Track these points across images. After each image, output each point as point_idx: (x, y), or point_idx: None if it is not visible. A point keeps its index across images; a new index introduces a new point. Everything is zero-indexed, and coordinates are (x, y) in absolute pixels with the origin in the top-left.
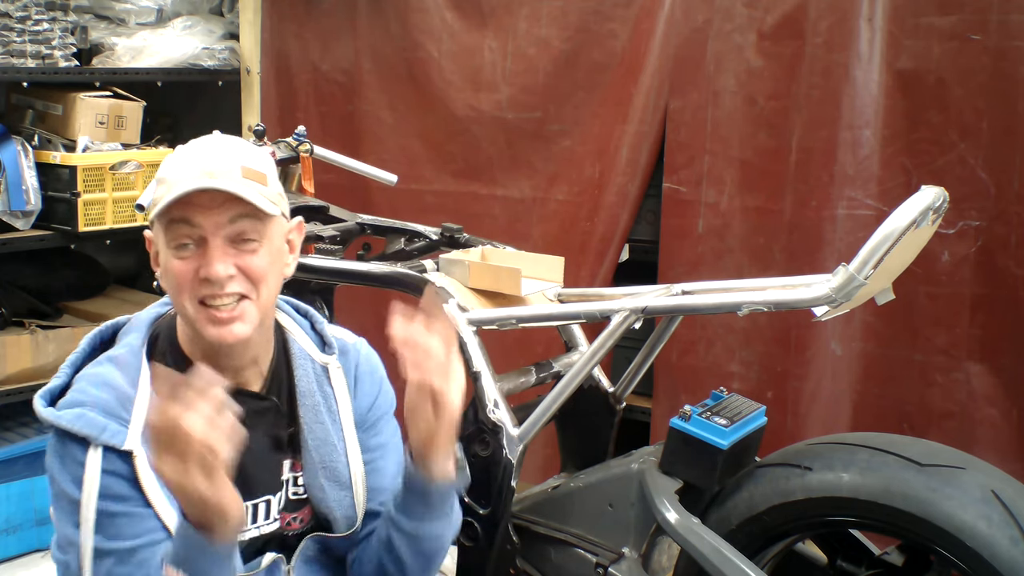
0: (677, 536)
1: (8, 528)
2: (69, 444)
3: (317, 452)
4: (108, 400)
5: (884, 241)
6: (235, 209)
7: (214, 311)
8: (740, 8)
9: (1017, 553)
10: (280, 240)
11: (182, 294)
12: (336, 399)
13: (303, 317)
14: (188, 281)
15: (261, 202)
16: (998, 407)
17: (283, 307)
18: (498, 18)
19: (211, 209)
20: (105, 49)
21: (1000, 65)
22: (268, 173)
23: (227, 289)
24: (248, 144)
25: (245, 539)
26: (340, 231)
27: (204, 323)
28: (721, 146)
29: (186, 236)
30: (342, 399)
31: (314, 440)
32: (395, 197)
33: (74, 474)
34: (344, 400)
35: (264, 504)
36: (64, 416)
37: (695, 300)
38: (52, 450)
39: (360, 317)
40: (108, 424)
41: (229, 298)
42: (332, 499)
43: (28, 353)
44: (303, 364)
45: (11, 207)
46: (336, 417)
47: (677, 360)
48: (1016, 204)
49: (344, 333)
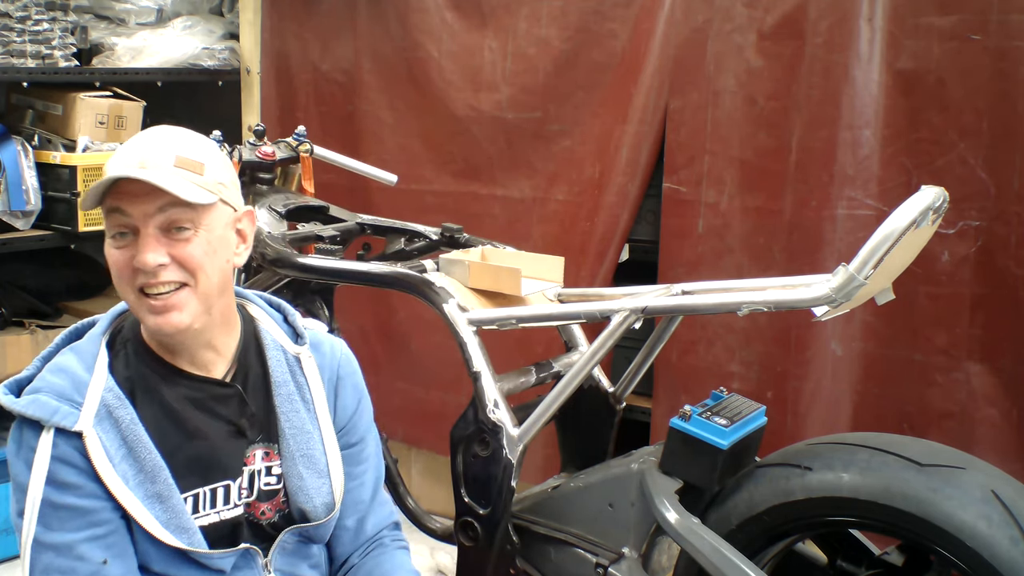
0: (677, 536)
1: (8, 528)
2: (25, 429)
3: (294, 440)
4: (63, 385)
5: (884, 241)
6: (164, 199)
7: (151, 300)
8: (740, 8)
9: (1017, 553)
10: (223, 228)
11: (122, 283)
12: (310, 388)
13: (275, 310)
14: (126, 270)
15: (188, 191)
16: (998, 407)
17: (254, 299)
18: (498, 18)
19: (140, 198)
20: (105, 49)
21: (1000, 65)
22: (206, 162)
23: (161, 278)
24: (192, 134)
25: (206, 523)
26: (340, 231)
27: (144, 312)
28: (721, 146)
29: (122, 225)
30: (316, 388)
31: (291, 429)
32: (395, 197)
33: (26, 458)
34: (318, 389)
35: (223, 489)
36: (20, 402)
37: (695, 300)
38: (11, 437)
39: (360, 317)
40: (60, 407)
41: (165, 286)
42: (311, 487)
43: (28, 353)
44: (275, 354)
45: (11, 207)
46: (311, 406)
47: (677, 360)
48: (1016, 204)
49: (317, 326)
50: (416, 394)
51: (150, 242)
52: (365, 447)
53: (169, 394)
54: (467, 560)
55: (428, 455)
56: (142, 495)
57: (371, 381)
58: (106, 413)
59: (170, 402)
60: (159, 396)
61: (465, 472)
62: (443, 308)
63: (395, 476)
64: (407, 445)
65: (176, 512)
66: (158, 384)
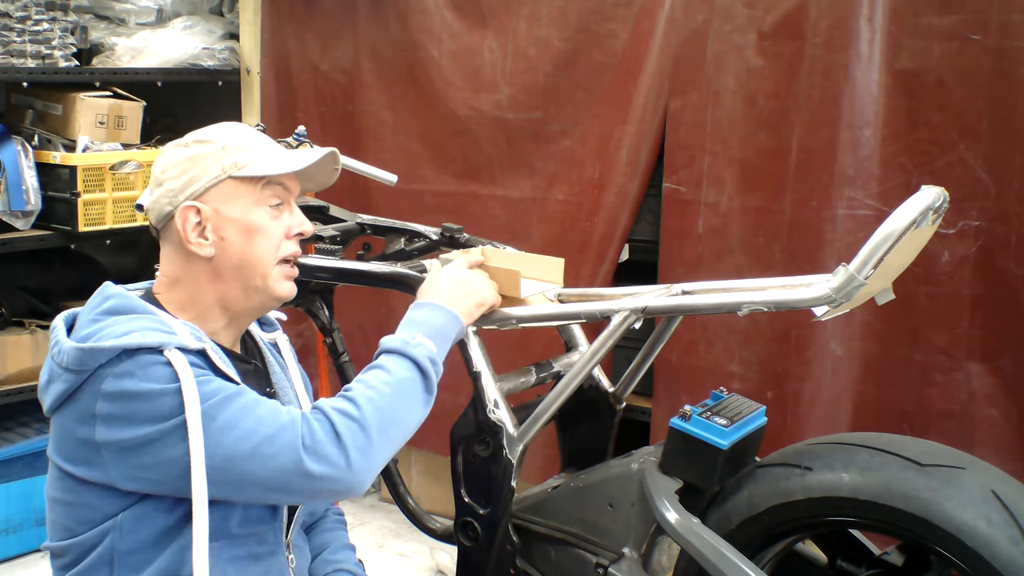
0: (677, 536)
1: (8, 528)
2: (141, 355)
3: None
4: (150, 324)
5: (884, 241)
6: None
7: (290, 268)
8: (740, 8)
9: (1017, 553)
10: None
11: (272, 252)
12: (288, 368)
13: None
14: (278, 237)
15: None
16: (998, 407)
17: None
18: (498, 18)
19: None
20: (105, 49)
21: (1000, 65)
22: None
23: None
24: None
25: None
26: (340, 231)
27: (281, 280)
28: (721, 146)
29: (281, 196)
30: (292, 368)
31: (288, 403)
32: (395, 197)
33: (161, 372)
34: (294, 369)
35: None
36: (129, 337)
37: (695, 300)
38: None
39: (360, 317)
40: (171, 335)
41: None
42: None
43: (28, 353)
44: (259, 338)
45: (11, 207)
46: (293, 385)
47: (677, 360)
48: (1016, 204)
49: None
50: None
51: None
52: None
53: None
54: (467, 560)
55: (428, 455)
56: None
57: None
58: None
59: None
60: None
61: (465, 472)
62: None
63: (395, 476)
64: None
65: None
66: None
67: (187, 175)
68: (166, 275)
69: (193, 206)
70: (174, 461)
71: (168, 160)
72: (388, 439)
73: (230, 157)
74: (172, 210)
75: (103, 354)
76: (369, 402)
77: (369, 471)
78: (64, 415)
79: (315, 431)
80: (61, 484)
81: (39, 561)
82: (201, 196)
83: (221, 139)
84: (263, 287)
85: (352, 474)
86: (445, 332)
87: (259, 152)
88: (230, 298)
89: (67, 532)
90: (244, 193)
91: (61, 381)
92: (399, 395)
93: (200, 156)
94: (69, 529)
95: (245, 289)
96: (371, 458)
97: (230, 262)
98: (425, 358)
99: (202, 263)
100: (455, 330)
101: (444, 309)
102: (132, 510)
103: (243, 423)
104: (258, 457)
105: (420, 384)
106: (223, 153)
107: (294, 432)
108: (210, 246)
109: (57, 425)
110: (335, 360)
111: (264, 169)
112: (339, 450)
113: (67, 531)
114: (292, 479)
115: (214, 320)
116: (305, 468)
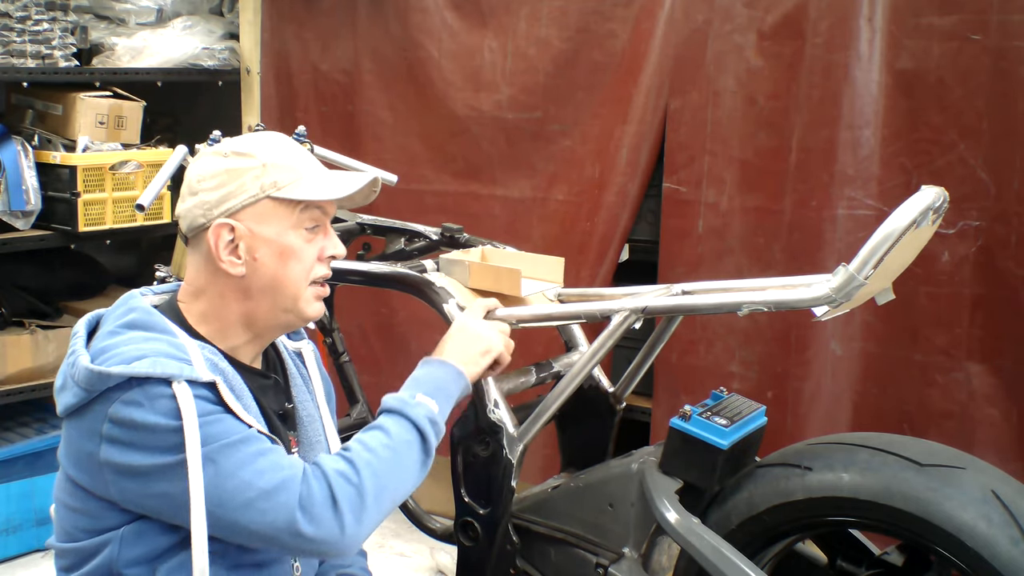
0: (677, 536)
1: (8, 528)
2: (150, 386)
3: (310, 427)
4: (167, 348)
5: (884, 241)
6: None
7: (321, 288)
8: (740, 8)
9: (1017, 553)
10: None
11: (305, 274)
12: (311, 379)
13: None
14: (311, 260)
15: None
16: (998, 407)
17: None
18: (498, 18)
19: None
20: (105, 49)
21: (1000, 65)
22: None
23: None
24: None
25: None
26: (340, 231)
27: (311, 301)
28: (721, 146)
29: (319, 220)
30: (315, 379)
31: (307, 416)
32: (395, 197)
33: (166, 407)
34: (317, 380)
35: None
36: (139, 366)
37: (695, 300)
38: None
39: (360, 317)
40: (183, 364)
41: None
42: None
43: (28, 353)
44: (283, 348)
45: (11, 207)
46: (313, 396)
47: (677, 360)
48: (1016, 204)
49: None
50: None
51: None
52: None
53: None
54: (467, 560)
55: None
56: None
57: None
58: (214, 367)
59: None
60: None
61: (465, 472)
62: (443, 308)
63: None
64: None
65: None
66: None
67: (224, 189)
68: (191, 284)
69: (227, 224)
70: (172, 495)
71: (204, 169)
72: (381, 505)
73: (270, 176)
74: (205, 223)
75: (111, 379)
76: (367, 466)
77: (359, 537)
78: (73, 425)
79: (313, 493)
80: (67, 488)
81: (39, 561)
82: (236, 213)
83: (262, 154)
84: (292, 308)
85: (343, 539)
86: (447, 389)
87: (300, 172)
88: (256, 316)
89: (69, 536)
90: (281, 215)
91: (72, 393)
92: (397, 460)
93: (239, 170)
94: (70, 534)
95: (273, 309)
96: (364, 524)
97: (260, 282)
98: (424, 419)
99: (231, 279)
100: (459, 386)
101: (447, 365)
102: (133, 525)
103: (243, 473)
104: (253, 510)
105: (418, 447)
106: (263, 171)
107: (293, 490)
108: (242, 265)
109: (66, 431)
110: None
111: (305, 193)
112: (334, 515)
113: (69, 536)
114: (283, 536)
115: (236, 336)
116: (298, 528)
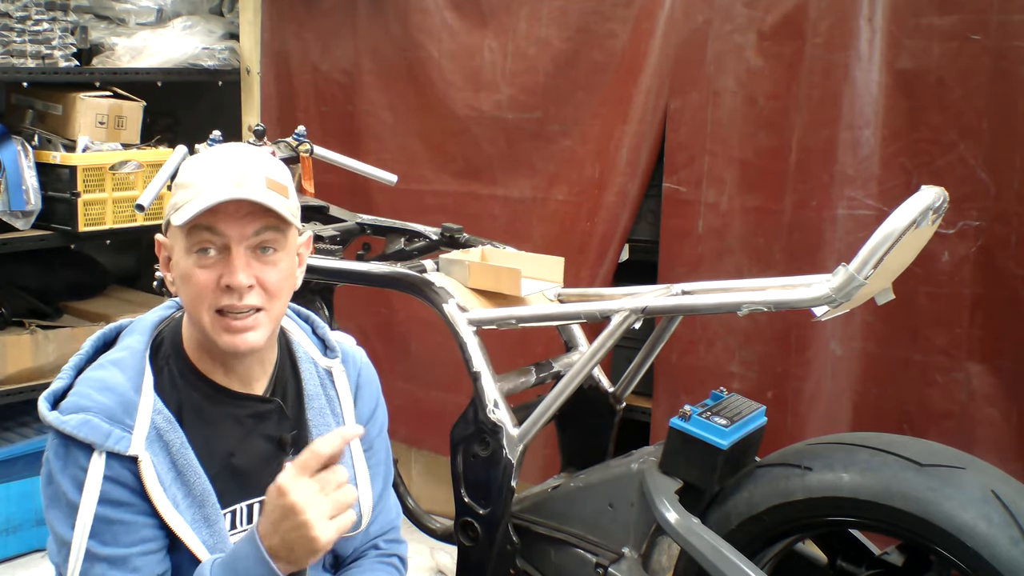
0: (677, 536)
1: (8, 528)
2: (72, 448)
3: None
4: (111, 406)
5: (884, 241)
6: (261, 220)
7: (230, 320)
8: (740, 8)
9: (1017, 553)
10: (295, 253)
11: (201, 302)
12: (340, 401)
13: (305, 322)
14: (209, 290)
15: (286, 214)
16: (998, 407)
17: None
18: (498, 18)
19: (238, 219)
20: (105, 49)
21: (1000, 65)
22: (289, 186)
23: (245, 300)
24: (268, 155)
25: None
26: (340, 231)
27: (219, 331)
28: (721, 146)
29: (208, 242)
30: (346, 401)
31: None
32: (395, 197)
33: (75, 478)
34: (347, 402)
35: (259, 504)
36: (69, 422)
37: (695, 300)
38: (54, 451)
39: (360, 317)
40: (112, 430)
41: (246, 310)
42: None
43: (28, 353)
44: (308, 368)
45: (11, 207)
46: (340, 419)
47: (677, 360)
48: (1016, 204)
49: (345, 338)
50: (416, 394)
51: (242, 263)
52: (375, 453)
53: (214, 414)
54: (467, 560)
55: (428, 455)
56: (190, 518)
57: None
58: (156, 436)
59: (216, 422)
60: (205, 416)
61: (465, 472)
62: (443, 308)
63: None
64: (407, 445)
65: (221, 536)
66: (204, 404)
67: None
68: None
69: (161, 240)
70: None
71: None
72: None
73: (176, 195)
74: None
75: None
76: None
77: None
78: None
79: None
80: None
81: (39, 561)
82: (167, 230)
83: (186, 171)
84: (208, 337)
85: None
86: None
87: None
88: (203, 340)
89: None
90: (179, 237)
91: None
92: None
93: (176, 185)
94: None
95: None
96: None
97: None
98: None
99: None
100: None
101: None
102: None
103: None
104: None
105: None
106: (175, 190)
107: None
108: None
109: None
110: None
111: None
112: None
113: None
114: None
115: (206, 362)
116: None
